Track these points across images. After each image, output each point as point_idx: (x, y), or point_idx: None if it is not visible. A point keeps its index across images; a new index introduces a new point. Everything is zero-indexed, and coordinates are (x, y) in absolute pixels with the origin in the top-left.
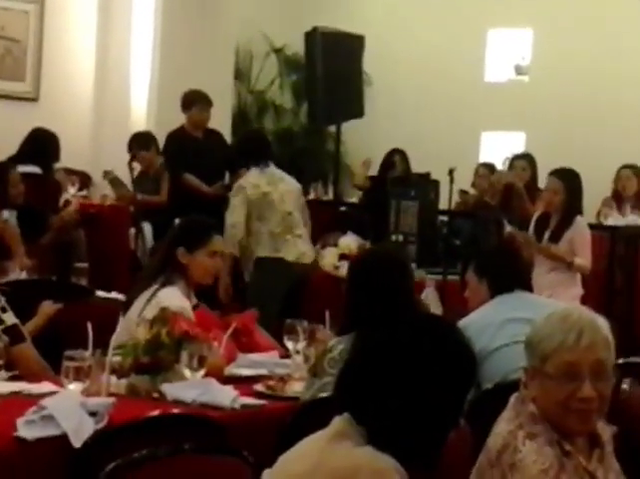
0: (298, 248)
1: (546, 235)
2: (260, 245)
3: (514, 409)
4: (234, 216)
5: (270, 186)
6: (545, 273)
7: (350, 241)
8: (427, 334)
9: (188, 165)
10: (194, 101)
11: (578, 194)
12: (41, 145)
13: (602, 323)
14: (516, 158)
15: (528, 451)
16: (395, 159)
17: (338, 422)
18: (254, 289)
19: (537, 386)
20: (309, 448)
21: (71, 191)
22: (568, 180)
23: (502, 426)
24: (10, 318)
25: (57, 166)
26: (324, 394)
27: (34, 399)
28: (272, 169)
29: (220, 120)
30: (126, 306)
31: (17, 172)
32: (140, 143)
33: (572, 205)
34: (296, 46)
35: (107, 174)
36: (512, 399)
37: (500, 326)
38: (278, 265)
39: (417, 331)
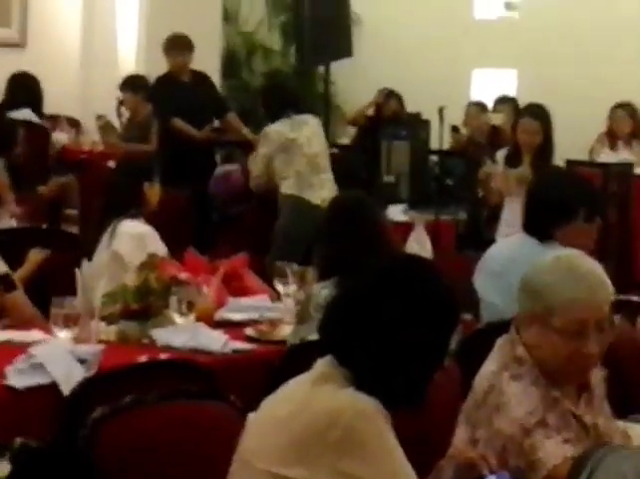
0: (323, 192)
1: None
2: (286, 183)
3: (501, 351)
4: (258, 167)
5: (295, 132)
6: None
7: None
8: (408, 275)
9: (177, 109)
10: (171, 46)
11: (552, 131)
12: (31, 89)
13: (603, 272)
14: (500, 102)
15: (513, 393)
16: (391, 102)
17: (321, 365)
18: (279, 228)
19: (536, 334)
20: (292, 391)
21: (60, 136)
22: (544, 118)
23: (488, 368)
24: (1, 267)
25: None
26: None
27: (23, 347)
28: (295, 116)
29: (209, 62)
30: (88, 246)
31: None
32: (128, 85)
33: (549, 145)
34: None
35: (99, 118)
36: (500, 341)
37: None
38: (303, 206)
39: (398, 273)
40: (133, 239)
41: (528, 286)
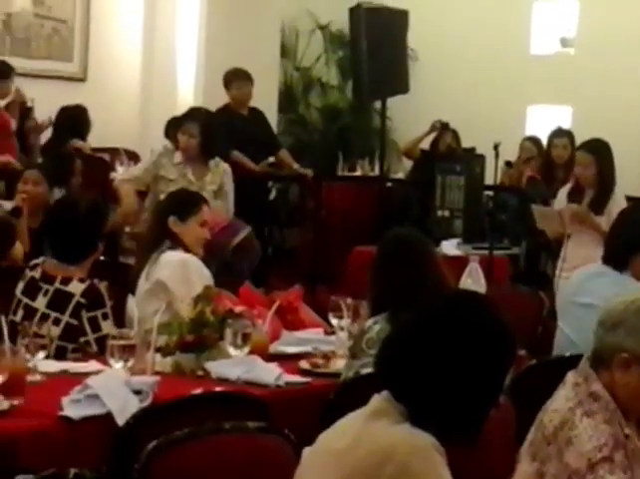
0: None
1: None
2: None
3: (574, 387)
4: None
5: None
6: (589, 248)
7: None
8: (466, 311)
9: (235, 142)
10: (232, 79)
11: (611, 165)
12: (78, 120)
13: None
14: (556, 135)
15: (585, 427)
16: (446, 136)
17: (377, 400)
18: None
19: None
20: (348, 426)
21: (120, 169)
22: (598, 152)
23: (560, 403)
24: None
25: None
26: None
27: (80, 378)
28: None
29: (267, 97)
30: (132, 281)
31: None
32: (193, 118)
33: (607, 177)
34: (341, 22)
35: (154, 153)
36: (572, 377)
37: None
38: None
39: (456, 308)
40: (175, 267)
41: (619, 323)
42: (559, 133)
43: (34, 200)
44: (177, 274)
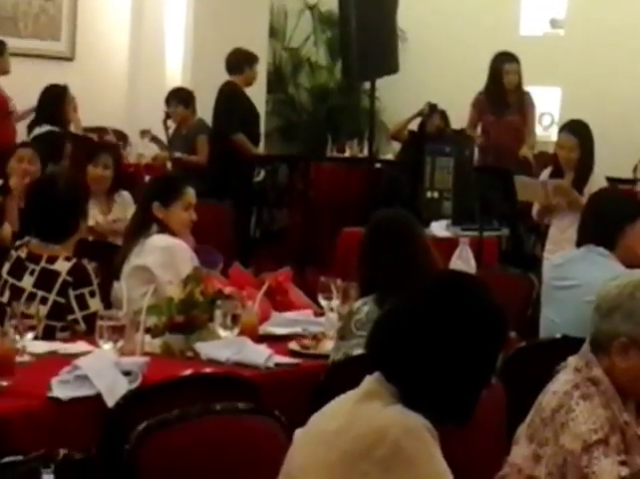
0: None
1: None
2: None
3: (575, 371)
4: None
5: None
6: (575, 229)
7: None
8: (458, 292)
9: (242, 124)
10: (253, 60)
11: (592, 146)
12: (52, 102)
13: None
14: (507, 61)
15: (581, 410)
16: (435, 117)
17: (369, 381)
18: None
19: (631, 358)
20: (340, 408)
21: None
22: (581, 134)
23: (559, 386)
24: None
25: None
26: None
27: (69, 359)
28: None
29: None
30: (118, 266)
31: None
32: (178, 98)
33: (588, 159)
34: (330, 2)
35: (145, 133)
36: (574, 361)
37: None
38: None
39: (448, 289)
40: (161, 253)
41: (616, 308)
42: (510, 58)
43: (27, 178)
44: (162, 260)
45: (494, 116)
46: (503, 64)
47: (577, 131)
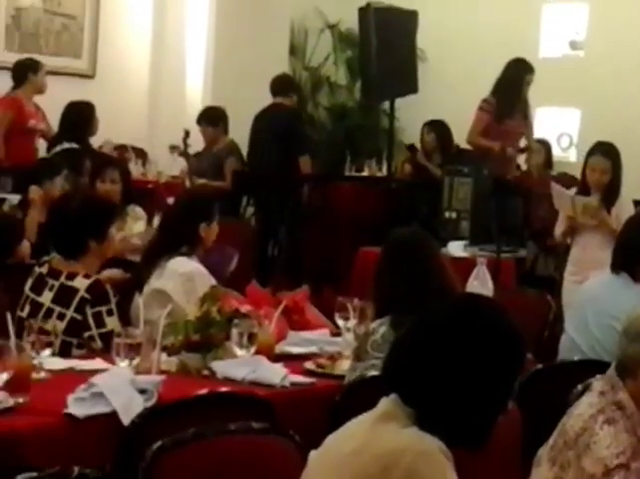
0: None
1: None
2: None
3: (600, 395)
4: None
5: None
6: (598, 250)
7: None
8: (476, 315)
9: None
10: (294, 87)
11: (621, 169)
12: (78, 119)
13: None
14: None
15: (604, 435)
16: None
17: (385, 403)
18: None
19: None
20: (356, 429)
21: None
22: (614, 157)
23: (584, 409)
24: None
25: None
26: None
27: (85, 376)
28: None
29: None
30: (139, 283)
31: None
32: (207, 118)
33: (618, 182)
34: (350, 22)
35: (174, 148)
36: (599, 385)
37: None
38: None
39: (466, 312)
40: (181, 280)
41: None
42: (531, 69)
43: (47, 194)
44: (182, 287)
45: (499, 121)
46: (526, 73)
47: (610, 154)
